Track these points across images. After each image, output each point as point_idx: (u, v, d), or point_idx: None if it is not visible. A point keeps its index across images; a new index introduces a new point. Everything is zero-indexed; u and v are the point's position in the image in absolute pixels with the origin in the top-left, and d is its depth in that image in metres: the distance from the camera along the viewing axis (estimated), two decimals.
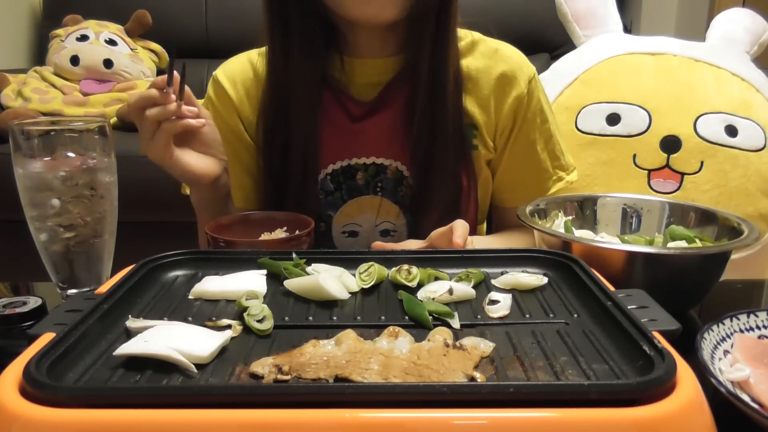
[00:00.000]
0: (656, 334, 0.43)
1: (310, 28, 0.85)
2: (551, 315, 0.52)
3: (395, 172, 0.92)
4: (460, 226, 0.72)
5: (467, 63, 0.92)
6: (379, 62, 0.90)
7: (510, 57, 0.93)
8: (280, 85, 0.88)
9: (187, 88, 0.78)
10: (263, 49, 0.94)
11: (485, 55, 0.93)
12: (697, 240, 0.74)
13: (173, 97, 0.76)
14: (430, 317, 0.50)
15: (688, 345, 0.48)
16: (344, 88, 0.91)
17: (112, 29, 2.35)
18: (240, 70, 0.95)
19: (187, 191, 0.93)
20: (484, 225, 1.05)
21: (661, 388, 0.37)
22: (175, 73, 0.77)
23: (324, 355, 0.44)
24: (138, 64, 2.32)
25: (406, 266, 0.58)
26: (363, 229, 0.95)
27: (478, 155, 0.93)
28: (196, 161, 0.82)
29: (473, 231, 0.98)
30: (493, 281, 0.59)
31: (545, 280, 0.58)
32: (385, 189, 0.93)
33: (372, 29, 0.87)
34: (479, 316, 0.52)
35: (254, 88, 0.93)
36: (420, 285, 0.57)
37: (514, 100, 0.92)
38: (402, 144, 0.90)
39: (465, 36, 0.92)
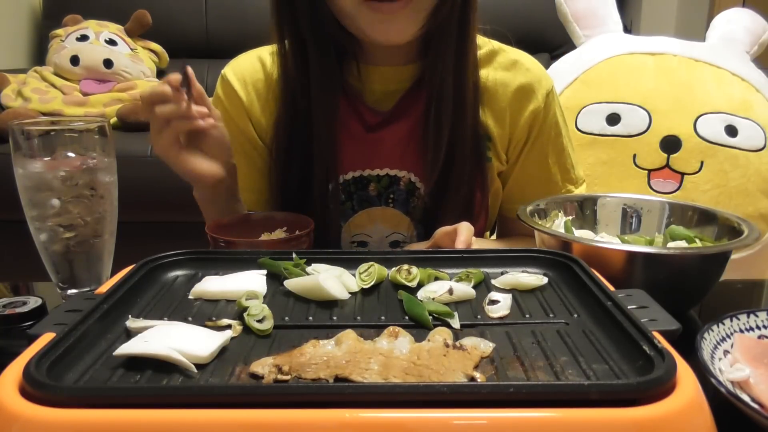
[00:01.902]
0: (656, 334, 0.43)
1: (324, 37, 0.83)
2: (551, 315, 0.52)
3: (408, 183, 0.90)
4: (465, 229, 0.71)
5: (485, 74, 0.89)
6: (395, 70, 0.88)
7: (529, 70, 0.91)
8: (295, 95, 0.86)
9: (200, 87, 0.76)
10: (274, 47, 0.90)
11: (504, 67, 0.91)
12: (697, 240, 0.74)
13: (185, 96, 0.75)
14: (430, 317, 0.50)
15: (688, 345, 0.48)
16: (360, 96, 0.88)
17: (112, 29, 2.35)
18: (251, 70, 0.91)
19: None
20: (487, 234, 1.04)
21: (661, 388, 0.37)
22: (189, 69, 0.75)
23: (324, 355, 0.44)
24: (138, 64, 2.32)
25: (406, 266, 0.58)
26: (373, 239, 0.94)
27: (491, 167, 0.92)
28: (199, 163, 0.80)
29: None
30: (493, 281, 0.59)
31: (545, 280, 0.58)
32: (396, 200, 0.91)
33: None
34: (479, 316, 0.52)
35: (265, 89, 0.90)
36: (420, 285, 0.57)
37: (530, 114, 0.90)
38: (417, 155, 0.88)
39: (484, 44, 0.90)
